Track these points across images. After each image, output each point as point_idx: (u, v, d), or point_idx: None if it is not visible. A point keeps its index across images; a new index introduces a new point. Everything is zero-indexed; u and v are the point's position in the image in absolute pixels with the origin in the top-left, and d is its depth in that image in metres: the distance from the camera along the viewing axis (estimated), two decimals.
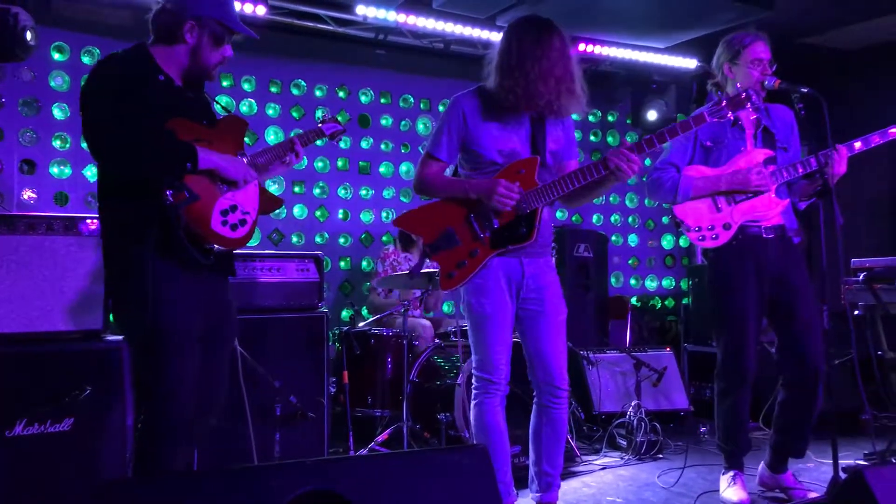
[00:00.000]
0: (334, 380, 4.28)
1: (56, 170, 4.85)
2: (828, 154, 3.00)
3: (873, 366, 4.34)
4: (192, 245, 2.29)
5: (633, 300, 6.77)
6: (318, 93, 5.72)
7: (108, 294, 2.46)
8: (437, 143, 2.80)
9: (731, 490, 3.25)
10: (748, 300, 3.17)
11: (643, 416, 4.24)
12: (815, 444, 3.49)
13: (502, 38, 2.77)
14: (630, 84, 6.44)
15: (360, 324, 4.66)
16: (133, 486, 1.73)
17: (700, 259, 6.49)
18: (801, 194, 3.31)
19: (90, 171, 4.87)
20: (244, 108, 5.45)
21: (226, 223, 2.40)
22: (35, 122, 4.80)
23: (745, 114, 3.16)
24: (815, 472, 3.75)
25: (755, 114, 3.24)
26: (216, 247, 2.43)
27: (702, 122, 2.71)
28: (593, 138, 6.94)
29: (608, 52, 5.82)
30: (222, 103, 4.06)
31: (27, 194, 4.78)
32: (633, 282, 7.07)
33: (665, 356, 5.07)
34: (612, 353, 5.01)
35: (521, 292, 2.78)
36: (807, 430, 3.22)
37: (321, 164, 5.72)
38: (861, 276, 4.24)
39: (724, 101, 2.72)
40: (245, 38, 2.55)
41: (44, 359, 2.99)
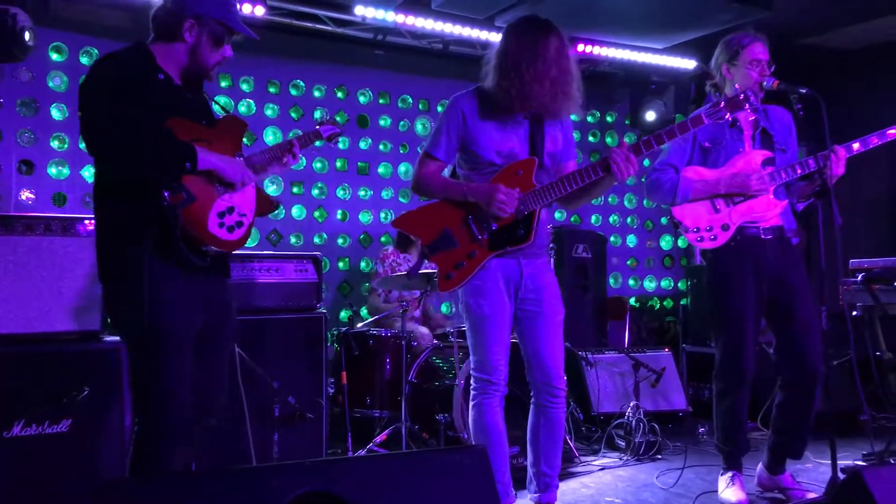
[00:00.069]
0: (333, 380, 4.27)
1: (54, 170, 4.85)
2: (826, 155, 3.00)
3: (871, 366, 4.34)
4: (187, 247, 2.27)
5: (632, 301, 6.77)
6: (317, 93, 5.71)
7: (104, 295, 2.43)
8: (436, 143, 2.80)
9: (729, 491, 3.25)
10: (747, 301, 3.18)
11: (642, 416, 4.24)
12: (814, 444, 3.50)
13: (501, 38, 2.78)
14: (629, 84, 6.45)
15: (359, 324, 4.65)
16: (133, 486, 1.73)
17: (698, 260, 6.47)
18: (800, 195, 3.31)
19: (88, 172, 4.86)
20: (242, 108, 5.44)
21: (222, 225, 2.38)
22: (33, 122, 4.79)
23: (743, 115, 3.17)
24: (813, 473, 3.75)
25: (753, 115, 3.25)
26: (212, 249, 2.40)
27: (700, 123, 2.72)
28: (592, 139, 6.94)
29: (607, 53, 5.82)
30: (221, 103, 4.05)
31: (25, 195, 4.78)
32: (631, 282, 7.07)
33: (663, 357, 5.07)
34: (610, 354, 5.00)
35: (519, 293, 2.78)
36: (805, 431, 3.22)
37: (320, 164, 5.72)
38: (859, 277, 4.24)
39: (723, 103, 2.72)
40: (244, 38, 2.53)
41: (42, 359, 2.99)
